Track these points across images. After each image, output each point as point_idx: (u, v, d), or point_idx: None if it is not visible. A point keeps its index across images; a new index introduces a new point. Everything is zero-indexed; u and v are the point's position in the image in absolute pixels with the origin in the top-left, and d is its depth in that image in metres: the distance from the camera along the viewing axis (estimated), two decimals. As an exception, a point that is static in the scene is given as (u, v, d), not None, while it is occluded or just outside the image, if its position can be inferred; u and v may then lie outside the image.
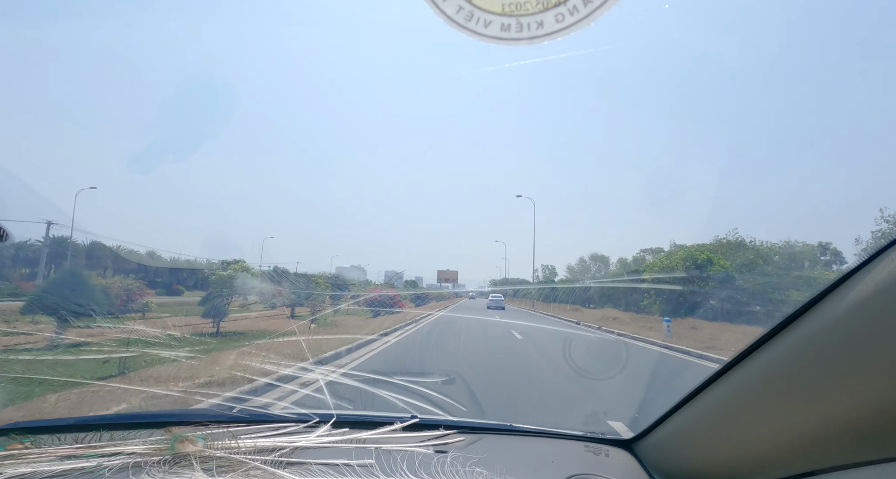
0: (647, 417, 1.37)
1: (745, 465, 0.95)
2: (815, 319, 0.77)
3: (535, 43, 0.56)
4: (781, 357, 0.82)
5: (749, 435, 0.91)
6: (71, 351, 4.38)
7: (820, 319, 0.76)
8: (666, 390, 6.01)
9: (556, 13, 0.57)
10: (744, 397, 0.93)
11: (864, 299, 0.68)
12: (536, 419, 3.97)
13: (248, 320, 13.39)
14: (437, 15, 0.58)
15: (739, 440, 0.94)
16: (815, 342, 0.76)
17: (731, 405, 0.97)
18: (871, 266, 0.69)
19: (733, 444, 0.97)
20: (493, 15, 0.58)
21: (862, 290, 0.69)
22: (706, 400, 1.06)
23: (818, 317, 0.76)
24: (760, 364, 0.88)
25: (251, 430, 1.36)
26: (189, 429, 1.34)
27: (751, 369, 0.91)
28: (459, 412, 2.86)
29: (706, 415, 1.06)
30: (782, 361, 0.82)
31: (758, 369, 0.89)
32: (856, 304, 0.69)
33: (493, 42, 0.57)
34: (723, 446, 1.01)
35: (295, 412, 1.56)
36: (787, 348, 0.81)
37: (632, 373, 6.93)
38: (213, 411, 1.67)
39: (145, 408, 3.88)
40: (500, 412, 4.26)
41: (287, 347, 8.38)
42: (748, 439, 0.91)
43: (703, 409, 1.08)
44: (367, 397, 2.31)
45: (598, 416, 4.12)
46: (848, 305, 0.70)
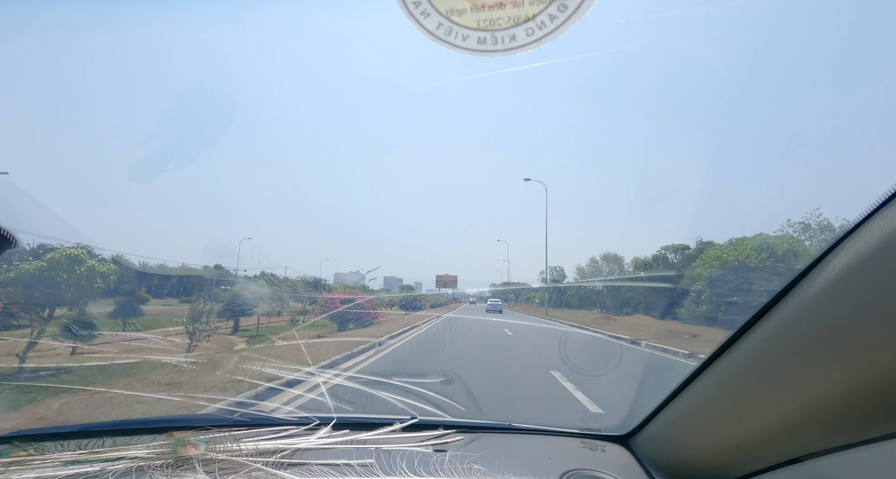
0: (641, 412, 1.39)
1: (736, 453, 0.97)
2: (788, 307, 0.79)
3: (510, 54, 0.60)
4: (760, 346, 0.85)
5: (737, 424, 0.93)
6: (74, 358, 4.40)
7: (792, 307, 0.78)
8: (659, 385, 6.00)
9: (527, 28, 0.61)
10: (728, 388, 0.95)
11: (833, 285, 0.70)
12: (534, 418, 4.00)
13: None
14: (419, 30, 0.61)
15: (728, 430, 0.96)
16: (790, 331, 0.78)
17: (716, 396, 1.00)
18: (838, 251, 0.71)
19: (723, 433, 0.99)
20: (469, 30, 0.62)
21: (829, 276, 0.70)
22: (693, 392, 1.09)
23: (791, 306, 0.78)
24: (741, 354, 0.90)
25: (252, 433, 1.38)
26: (191, 433, 1.36)
27: (733, 360, 0.93)
28: (458, 412, 2.87)
29: (694, 407, 1.09)
30: (761, 350, 0.84)
31: (739, 359, 0.91)
32: (825, 291, 0.71)
33: (471, 54, 0.61)
34: (713, 436, 1.03)
35: (296, 415, 1.58)
36: (763, 338, 0.84)
37: (626, 370, 6.94)
38: (214, 415, 1.70)
39: (147, 414, 3.90)
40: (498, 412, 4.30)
41: (288, 351, 8.37)
42: (736, 427, 0.93)
43: (691, 401, 1.10)
44: (366, 399, 2.33)
45: (595, 413, 4.15)
46: (818, 292, 0.72)
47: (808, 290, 0.74)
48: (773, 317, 0.82)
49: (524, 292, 55.44)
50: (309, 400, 2.93)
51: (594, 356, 9.12)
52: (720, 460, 1.02)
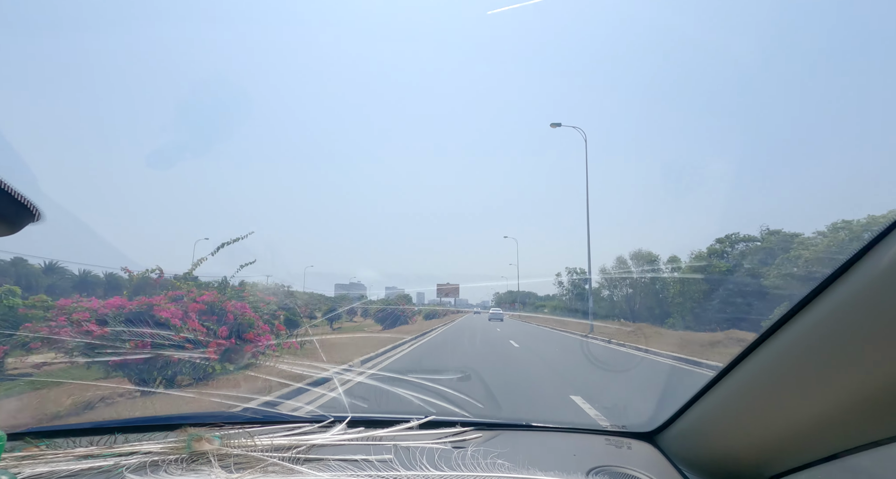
0: (668, 409, 1.34)
1: (771, 450, 0.94)
2: (824, 305, 0.76)
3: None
4: (794, 343, 0.82)
5: (772, 420, 0.89)
6: (87, 354, 4.42)
7: (828, 304, 0.75)
8: (685, 384, 5.93)
9: None
10: (762, 384, 0.92)
11: (869, 283, 0.67)
12: (554, 415, 3.92)
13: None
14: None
15: (763, 426, 0.93)
16: (824, 328, 0.75)
17: (750, 392, 0.96)
18: (880, 248, 0.67)
19: (757, 430, 0.95)
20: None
21: (865, 274, 0.68)
22: (725, 389, 1.05)
23: (826, 303, 0.75)
24: (775, 351, 0.87)
25: (267, 430, 1.36)
26: (205, 430, 1.33)
27: (766, 357, 0.90)
28: (476, 409, 2.82)
29: (727, 403, 1.05)
30: (794, 346, 0.82)
31: (773, 355, 0.88)
32: (861, 289, 0.68)
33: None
34: (747, 432, 0.99)
35: (310, 413, 1.56)
36: (797, 335, 0.81)
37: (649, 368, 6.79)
38: (228, 412, 1.68)
39: (160, 411, 3.91)
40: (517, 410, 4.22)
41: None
42: (772, 424, 0.90)
43: (722, 397, 1.06)
44: (381, 397, 2.29)
45: (619, 409, 4.06)
46: (854, 290, 0.69)
47: (843, 288, 0.71)
48: (806, 314, 0.78)
49: (532, 299, 53.61)
50: (324, 398, 2.91)
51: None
52: (754, 456, 0.98)
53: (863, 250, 0.69)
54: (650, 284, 28.18)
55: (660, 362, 9.54)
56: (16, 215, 0.68)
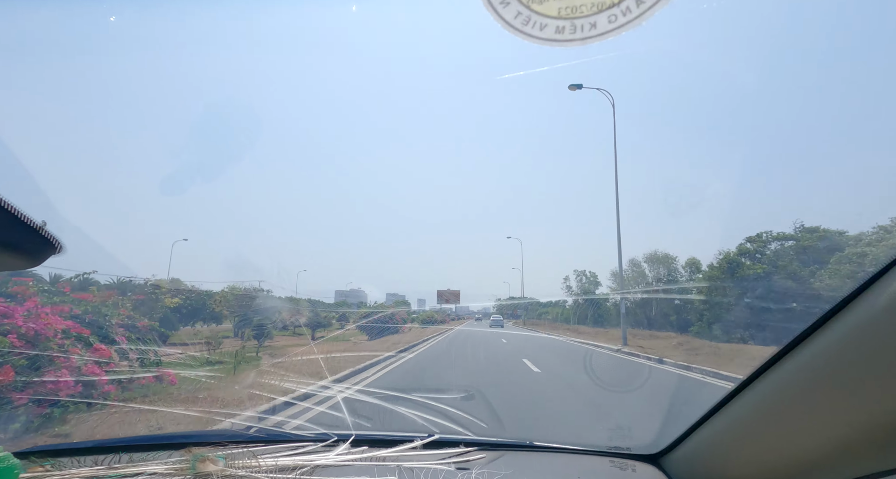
0: (673, 430, 1.32)
1: (780, 475, 0.91)
2: (843, 323, 0.74)
3: (587, 43, 0.58)
4: (810, 363, 0.80)
5: (786, 444, 0.87)
6: (91, 371, 4.43)
7: (848, 323, 0.73)
8: (690, 403, 5.81)
9: (610, 15, 0.59)
10: (775, 406, 0.90)
11: (892, 302, 0.65)
12: (558, 436, 3.85)
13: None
14: (497, 20, 0.60)
15: (775, 450, 0.90)
16: (844, 347, 0.73)
17: (762, 414, 0.94)
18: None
19: (769, 454, 0.93)
20: (548, 18, 0.61)
21: (888, 292, 0.66)
22: (735, 410, 1.02)
23: (846, 321, 0.73)
24: (790, 371, 0.85)
25: (271, 449, 1.36)
26: (209, 449, 1.34)
27: (780, 377, 0.88)
28: (480, 429, 2.80)
29: (737, 425, 1.03)
30: (811, 367, 0.80)
31: (787, 376, 0.86)
32: (882, 307, 0.67)
33: (546, 44, 0.59)
34: (758, 456, 0.96)
35: (313, 432, 1.55)
36: (814, 354, 0.79)
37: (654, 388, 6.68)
38: (232, 431, 1.68)
39: (165, 429, 3.89)
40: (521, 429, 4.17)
41: (305, 365, 8.27)
42: (785, 448, 0.88)
43: (732, 419, 1.04)
44: (385, 415, 2.27)
45: (623, 431, 3.99)
46: (873, 308, 0.68)
47: (863, 306, 0.70)
48: (826, 332, 0.77)
49: (535, 306, 52.27)
50: (327, 415, 2.86)
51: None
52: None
53: (886, 268, 0.68)
54: (668, 288, 25.06)
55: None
56: (39, 249, 0.71)
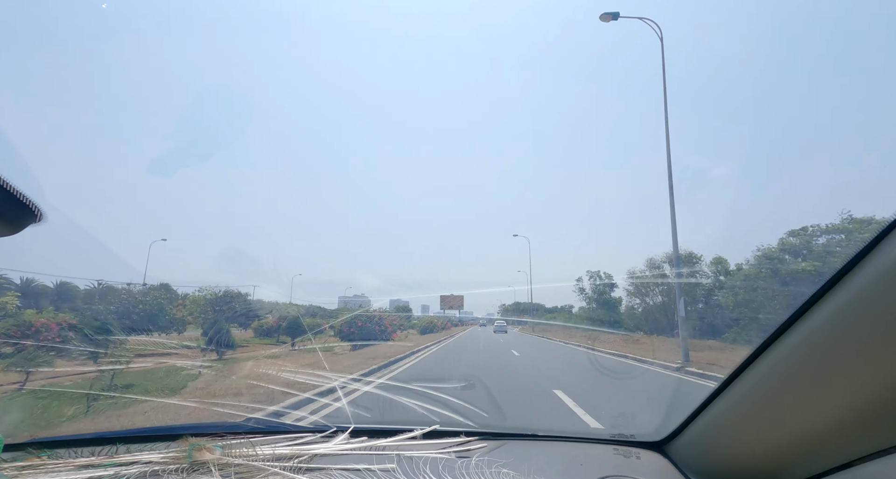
0: (676, 417, 1.32)
1: (784, 457, 0.92)
2: (832, 304, 0.73)
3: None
4: (803, 346, 0.80)
5: (782, 427, 0.88)
6: (90, 363, 4.43)
7: (837, 303, 0.72)
8: (695, 392, 5.83)
9: None
10: (772, 387, 0.90)
11: (881, 280, 0.65)
12: (560, 424, 3.85)
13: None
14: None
15: (775, 433, 0.91)
16: (835, 328, 0.73)
17: (760, 397, 0.94)
18: (886, 243, 0.65)
19: (769, 437, 0.93)
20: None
21: (877, 270, 0.65)
22: (735, 394, 1.03)
23: (835, 301, 0.73)
24: (784, 354, 0.85)
25: (269, 439, 1.35)
26: (206, 439, 1.32)
27: (774, 360, 0.88)
28: (481, 419, 2.79)
29: (736, 409, 1.03)
30: (804, 349, 0.80)
31: (781, 359, 0.86)
32: (872, 285, 0.66)
33: None
34: (758, 440, 0.97)
35: (312, 423, 1.55)
36: (806, 337, 0.79)
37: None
38: (229, 422, 1.67)
39: (162, 420, 3.89)
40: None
41: (305, 357, 8.27)
42: (783, 431, 0.88)
43: (732, 403, 1.04)
44: (385, 406, 2.26)
45: (626, 418, 3.97)
46: (864, 287, 0.67)
47: (852, 285, 0.69)
48: (815, 314, 0.76)
49: (540, 310, 50.10)
50: (326, 407, 2.88)
51: None
52: (768, 464, 0.96)
53: (869, 246, 0.67)
54: (691, 290, 21.53)
55: None
56: (17, 215, 0.68)
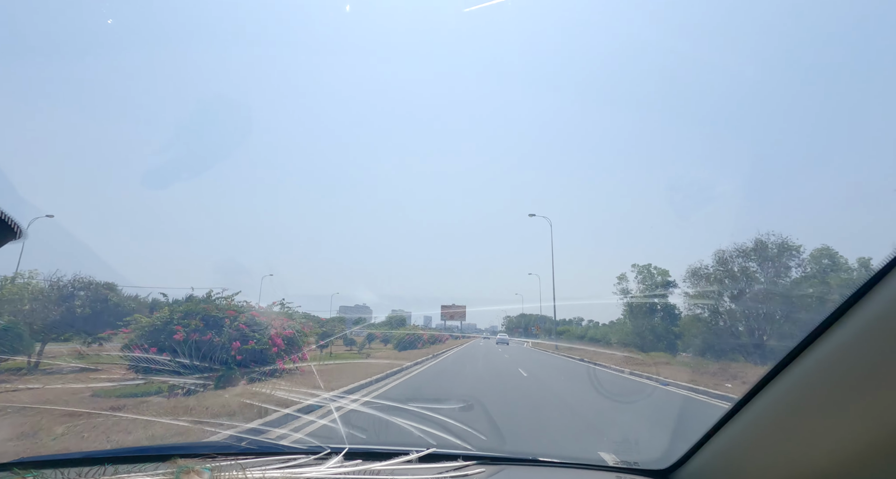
0: (683, 444, 1.28)
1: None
2: (850, 327, 0.71)
3: None
4: (817, 371, 0.78)
5: (793, 455, 0.85)
6: (80, 378, 4.34)
7: (855, 326, 0.70)
8: (702, 417, 5.68)
9: None
10: (784, 416, 0.87)
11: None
12: (561, 449, 3.74)
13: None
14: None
15: (789, 460, 0.87)
16: (849, 354, 0.71)
17: (772, 425, 0.91)
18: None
19: (783, 464, 0.89)
20: None
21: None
22: (744, 422, 1.00)
23: (854, 325, 0.71)
24: (797, 381, 0.83)
25: (260, 462, 1.31)
26: (196, 461, 1.28)
27: (787, 387, 0.86)
28: (479, 442, 2.72)
29: (747, 437, 0.99)
30: (819, 375, 0.78)
31: (795, 385, 0.84)
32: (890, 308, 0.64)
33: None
34: (771, 467, 0.93)
35: (306, 444, 1.50)
36: (820, 362, 0.77)
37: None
38: (221, 442, 1.63)
39: (153, 440, 3.79)
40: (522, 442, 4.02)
41: (298, 375, 8.04)
42: (798, 457, 0.85)
43: (742, 431, 1.01)
44: (380, 426, 2.21)
45: (630, 445, 3.84)
46: (887, 307, 0.65)
47: (864, 310, 0.67)
48: (833, 337, 0.74)
49: (547, 323, 45.15)
50: (320, 427, 2.80)
51: None
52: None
53: (886, 269, 0.66)
54: (789, 290, 15.45)
55: None
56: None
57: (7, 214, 0.65)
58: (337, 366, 11.66)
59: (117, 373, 7.59)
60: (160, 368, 7.05)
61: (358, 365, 12.03)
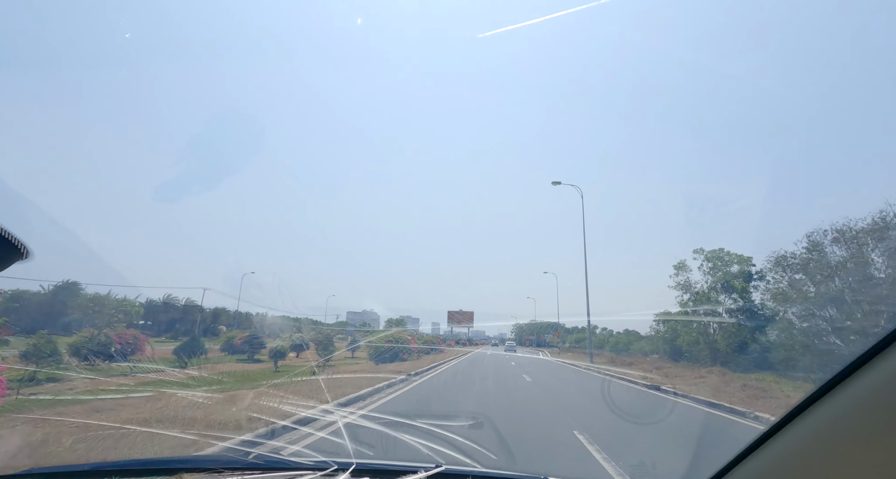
0: (702, 471, 1.23)
1: None
2: (884, 365, 0.68)
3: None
4: (855, 403, 0.74)
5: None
6: (89, 391, 4.37)
7: (888, 365, 0.67)
8: (722, 443, 5.45)
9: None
10: (821, 444, 0.82)
11: None
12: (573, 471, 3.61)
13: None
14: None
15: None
16: (887, 390, 0.67)
17: (806, 454, 0.86)
18: None
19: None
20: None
21: None
22: (771, 453, 0.95)
23: (887, 363, 0.67)
24: (832, 412, 0.78)
25: (266, 478, 1.28)
26: (201, 476, 1.27)
27: (820, 419, 0.81)
28: (489, 461, 2.66)
29: (774, 470, 0.94)
30: (856, 407, 0.73)
31: (829, 417, 0.79)
32: None
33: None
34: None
35: (312, 459, 1.48)
36: (859, 394, 0.73)
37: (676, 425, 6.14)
38: (227, 456, 1.62)
39: (160, 452, 3.78)
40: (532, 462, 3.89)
41: (305, 387, 8.04)
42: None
43: (768, 463, 0.96)
44: (388, 442, 2.17)
45: (647, 468, 3.68)
46: None
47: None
48: (872, 370, 0.70)
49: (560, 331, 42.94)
50: (327, 441, 2.76)
51: None
52: None
53: None
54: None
55: None
56: (4, 254, 0.69)
57: (12, 234, 0.66)
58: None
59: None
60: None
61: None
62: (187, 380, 7.09)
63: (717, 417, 7.79)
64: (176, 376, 7.87)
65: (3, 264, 0.72)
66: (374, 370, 12.68)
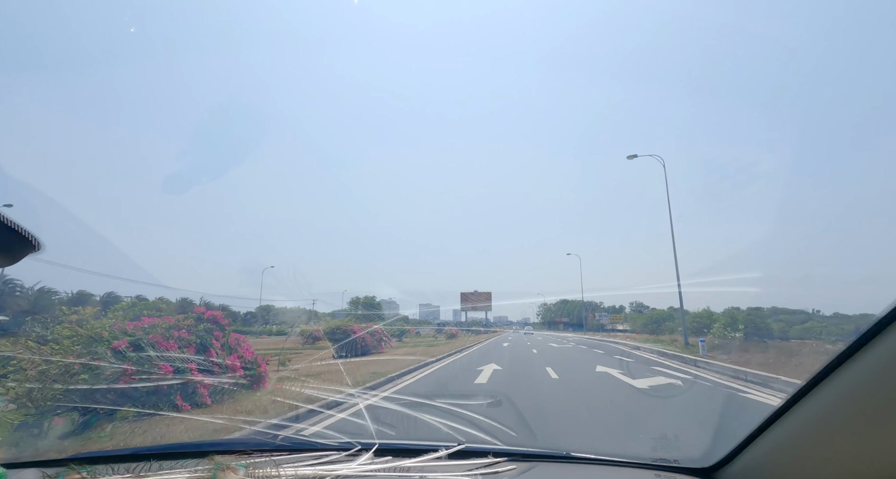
0: (727, 442, 1.22)
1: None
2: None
3: None
4: (883, 366, 0.72)
5: (848, 456, 0.80)
6: (123, 379, 4.59)
7: None
8: (748, 413, 5.42)
9: None
10: (843, 415, 0.81)
11: None
12: (595, 446, 3.63)
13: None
14: None
15: (846, 464, 0.82)
16: None
17: (829, 424, 0.85)
18: None
19: (839, 468, 0.84)
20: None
21: None
22: (797, 420, 0.93)
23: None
24: (852, 378, 0.77)
25: (293, 459, 1.33)
26: (232, 458, 1.32)
27: (841, 385, 0.80)
28: (509, 438, 2.70)
29: (801, 437, 0.93)
30: (885, 370, 0.71)
31: (850, 383, 0.78)
32: None
33: None
34: (827, 467, 0.87)
35: (336, 440, 1.53)
36: (886, 356, 0.71)
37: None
38: (255, 438, 1.68)
39: (194, 436, 3.96)
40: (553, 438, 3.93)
41: (327, 372, 8.29)
42: (847, 460, 0.80)
43: (794, 430, 0.95)
44: (409, 423, 2.22)
45: (670, 441, 3.69)
46: None
47: None
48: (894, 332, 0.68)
49: (596, 310, 37.12)
50: (350, 423, 2.85)
51: None
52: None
53: None
54: None
55: None
56: (16, 247, 0.71)
57: (24, 227, 0.68)
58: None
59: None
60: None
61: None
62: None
63: None
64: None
65: (15, 256, 0.74)
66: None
